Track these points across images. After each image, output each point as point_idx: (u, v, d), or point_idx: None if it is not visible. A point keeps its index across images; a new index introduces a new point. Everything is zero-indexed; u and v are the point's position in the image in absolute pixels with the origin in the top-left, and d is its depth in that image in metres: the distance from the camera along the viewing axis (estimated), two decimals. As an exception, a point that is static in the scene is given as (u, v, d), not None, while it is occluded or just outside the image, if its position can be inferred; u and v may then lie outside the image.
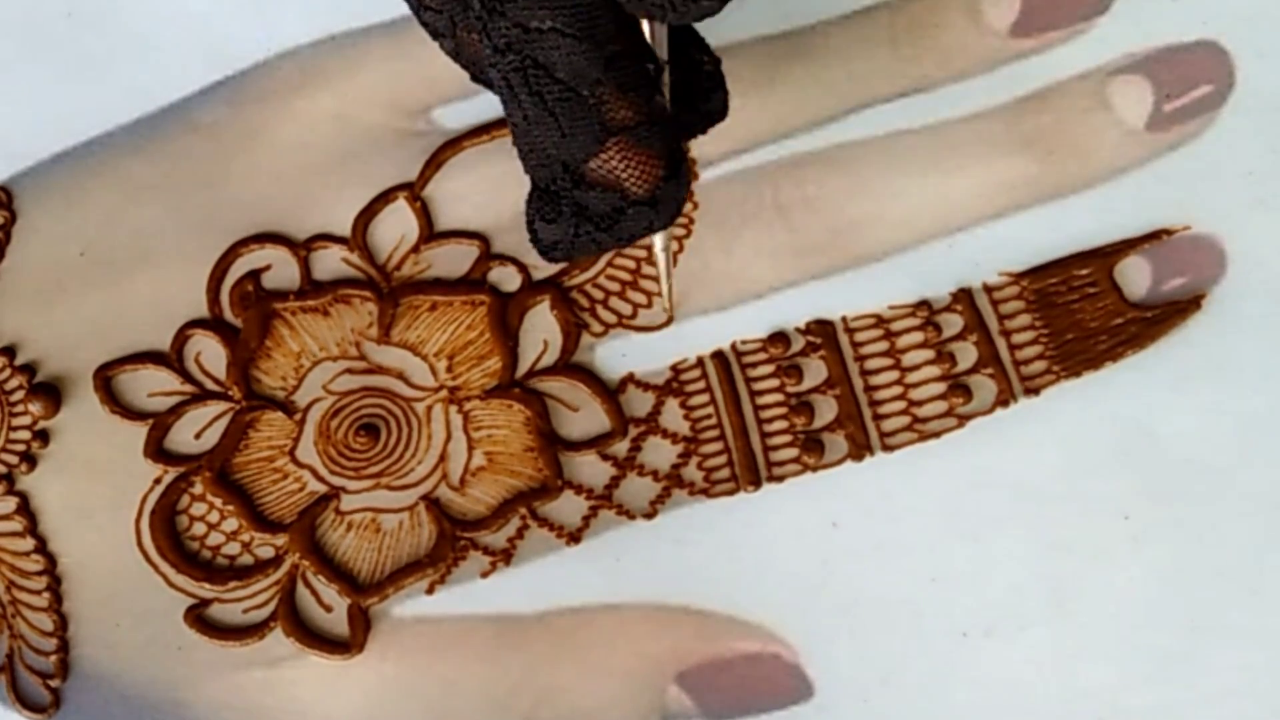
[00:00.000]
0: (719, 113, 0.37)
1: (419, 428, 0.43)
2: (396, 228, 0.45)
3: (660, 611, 0.41)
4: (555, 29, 0.32)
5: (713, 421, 0.42)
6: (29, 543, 0.43)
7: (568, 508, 0.42)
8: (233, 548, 0.42)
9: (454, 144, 0.46)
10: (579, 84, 0.33)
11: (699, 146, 0.45)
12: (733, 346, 0.43)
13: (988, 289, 0.43)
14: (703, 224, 0.44)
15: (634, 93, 0.33)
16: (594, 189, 0.34)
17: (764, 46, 0.46)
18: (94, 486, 0.43)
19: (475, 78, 0.37)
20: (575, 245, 0.35)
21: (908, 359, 0.43)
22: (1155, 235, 0.43)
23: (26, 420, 0.44)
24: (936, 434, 0.42)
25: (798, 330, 0.43)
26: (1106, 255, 0.43)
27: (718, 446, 0.42)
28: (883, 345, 0.43)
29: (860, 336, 0.43)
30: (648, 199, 0.34)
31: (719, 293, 0.44)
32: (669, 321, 0.44)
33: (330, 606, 0.42)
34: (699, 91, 0.37)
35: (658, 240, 0.41)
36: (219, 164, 0.46)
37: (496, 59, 0.33)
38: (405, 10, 0.47)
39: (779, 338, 0.43)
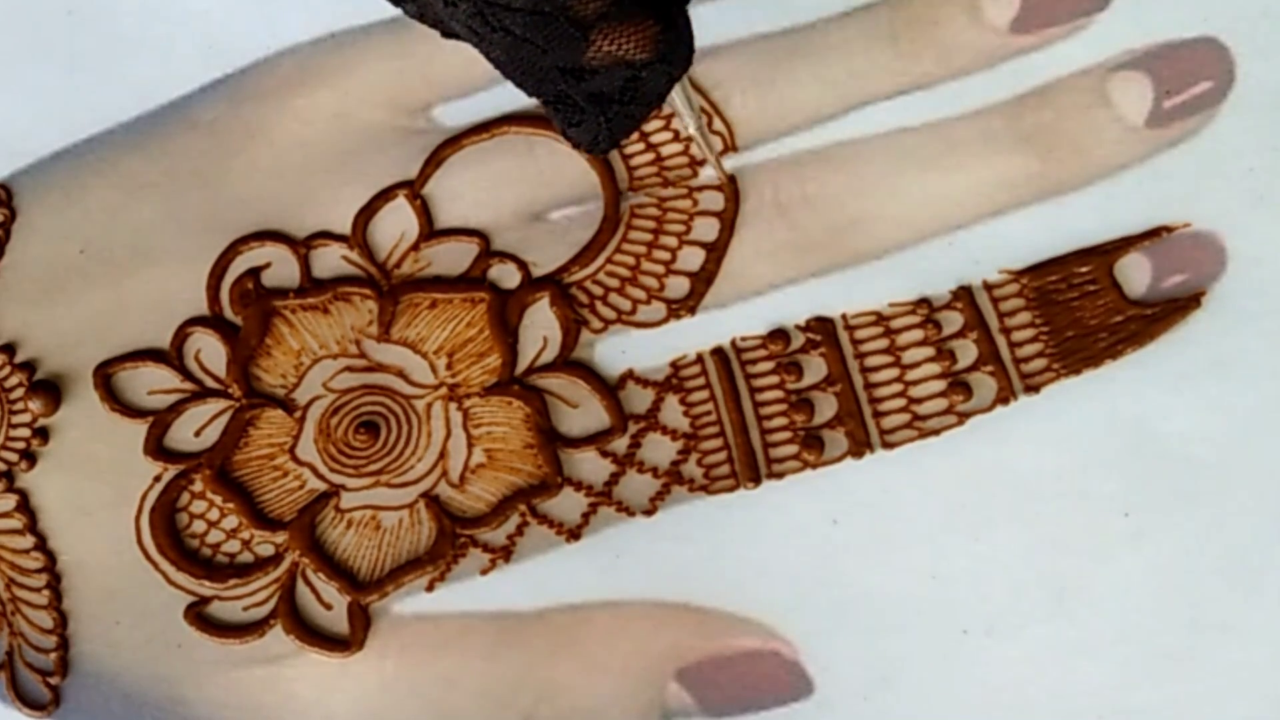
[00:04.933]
0: None
1: (419, 425, 0.43)
2: (396, 225, 0.45)
3: (660, 608, 0.41)
4: None
5: (712, 418, 0.42)
6: (28, 540, 0.43)
7: (567, 505, 0.42)
8: (233, 545, 0.42)
9: (454, 142, 0.46)
10: (538, 4, 0.32)
11: (700, 145, 0.45)
12: (733, 343, 0.43)
13: (988, 286, 0.43)
14: (702, 222, 0.44)
15: None
16: (600, 74, 0.34)
17: (764, 44, 0.46)
18: (94, 484, 0.43)
19: (445, 34, 0.37)
20: (613, 129, 0.35)
21: (908, 356, 0.43)
22: (1155, 232, 0.43)
23: (26, 418, 0.44)
24: (936, 431, 0.42)
25: (798, 327, 0.43)
26: (1106, 252, 0.43)
27: (717, 443, 0.42)
28: (883, 343, 0.43)
29: (860, 334, 0.43)
30: (656, 58, 0.34)
31: (719, 290, 0.44)
32: (728, 180, 0.44)
33: (330, 604, 0.42)
34: None
35: (690, 123, 0.41)
36: (219, 162, 0.46)
37: (452, 11, 0.33)
38: (405, 8, 0.47)
39: (779, 335, 0.43)
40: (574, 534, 0.42)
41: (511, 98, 0.46)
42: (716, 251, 0.44)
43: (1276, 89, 0.44)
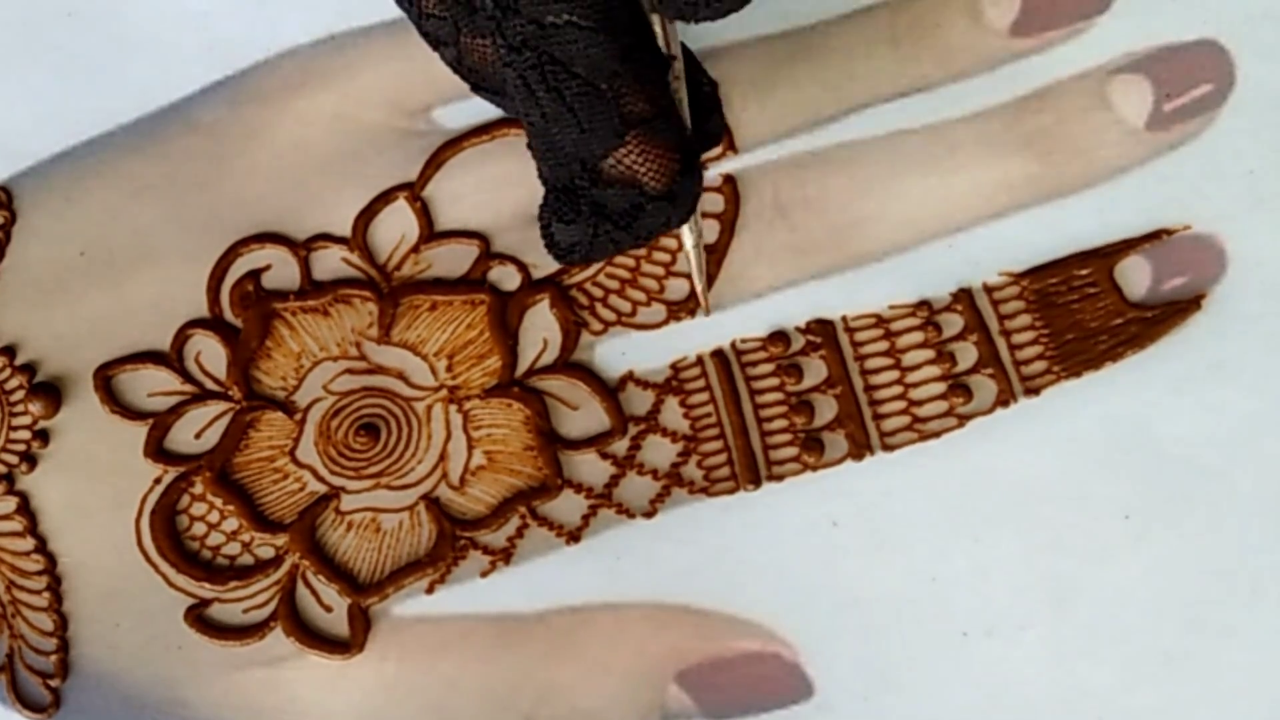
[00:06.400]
0: (716, 135, 0.38)
1: (419, 427, 0.43)
2: (396, 227, 0.45)
3: (660, 610, 0.41)
4: (572, 23, 0.32)
5: (712, 420, 0.42)
6: (29, 542, 0.43)
7: (567, 507, 0.42)
8: (233, 548, 0.43)
9: (454, 144, 0.46)
10: (597, 77, 0.33)
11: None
12: (733, 345, 0.43)
13: (988, 289, 0.43)
14: (702, 223, 0.44)
15: (650, 85, 0.34)
16: (612, 186, 0.34)
17: (764, 46, 0.46)
18: (94, 486, 0.43)
19: (476, 87, 0.37)
20: (594, 246, 0.35)
21: (908, 359, 0.43)
22: (1155, 235, 0.43)
23: (27, 420, 0.44)
24: (936, 434, 0.42)
25: (798, 329, 0.43)
26: (1107, 255, 0.43)
27: (717, 445, 0.42)
28: (883, 345, 0.43)
29: (860, 336, 0.43)
30: (665, 194, 0.35)
31: (719, 292, 0.44)
32: (708, 313, 0.43)
33: (330, 606, 0.42)
34: (698, 112, 0.37)
35: (688, 239, 0.41)
36: (219, 164, 0.46)
37: (512, 58, 0.33)
38: (405, 10, 0.47)
39: (779, 337, 0.43)
40: (574, 536, 0.42)
41: (512, 99, 0.46)
42: (716, 253, 0.44)
43: (1277, 91, 0.44)
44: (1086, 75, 0.45)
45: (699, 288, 0.42)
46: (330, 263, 0.45)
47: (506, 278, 0.44)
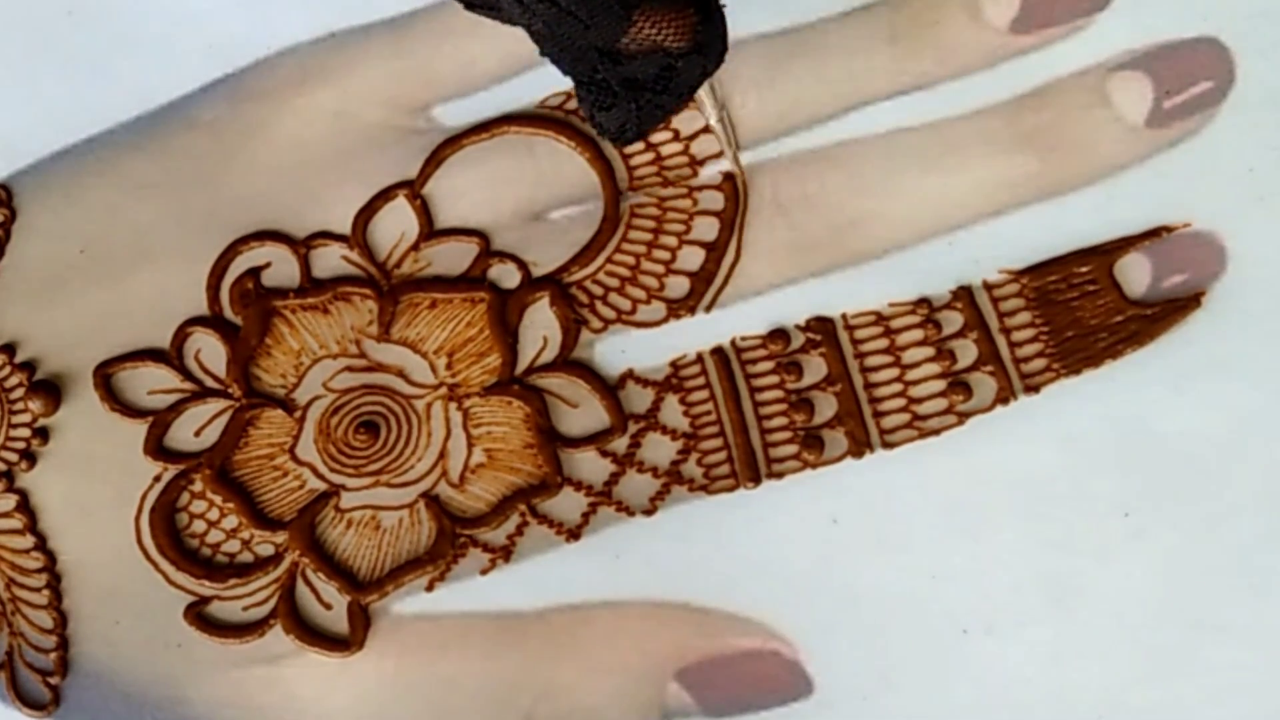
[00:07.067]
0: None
1: (419, 425, 0.43)
2: (396, 225, 0.45)
3: (660, 608, 0.41)
4: None
5: (712, 418, 0.42)
6: (29, 540, 0.43)
7: (567, 504, 0.42)
8: (233, 545, 0.43)
9: (454, 142, 0.46)
10: None
11: (699, 145, 0.45)
12: (732, 343, 0.43)
13: (988, 286, 0.43)
14: (702, 221, 0.44)
15: None
16: (636, 59, 0.34)
17: (764, 45, 0.46)
18: (94, 484, 0.43)
19: (470, 5, 0.37)
20: (642, 118, 0.35)
21: (908, 356, 0.43)
22: (1155, 232, 0.43)
23: (26, 418, 0.44)
24: (936, 431, 0.42)
25: (798, 327, 0.43)
26: (1106, 252, 0.43)
27: (717, 443, 0.42)
28: (883, 342, 0.43)
29: (860, 334, 0.43)
30: (692, 48, 0.35)
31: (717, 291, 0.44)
32: (745, 190, 0.44)
33: (330, 604, 0.42)
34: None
35: (711, 114, 0.41)
36: (219, 161, 0.46)
37: None
38: (406, 8, 0.47)
39: (779, 334, 0.43)
40: (574, 534, 0.42)
41: (511, 97, 0.46)
42: (716, 251, 0.44)
43: (1276, 89, 0.44)
44: (1086, 73, 0.45)
45: (729, 157, 0.42)
46: (330, 260, 0.45)
47: (506, 275, 0.44)
